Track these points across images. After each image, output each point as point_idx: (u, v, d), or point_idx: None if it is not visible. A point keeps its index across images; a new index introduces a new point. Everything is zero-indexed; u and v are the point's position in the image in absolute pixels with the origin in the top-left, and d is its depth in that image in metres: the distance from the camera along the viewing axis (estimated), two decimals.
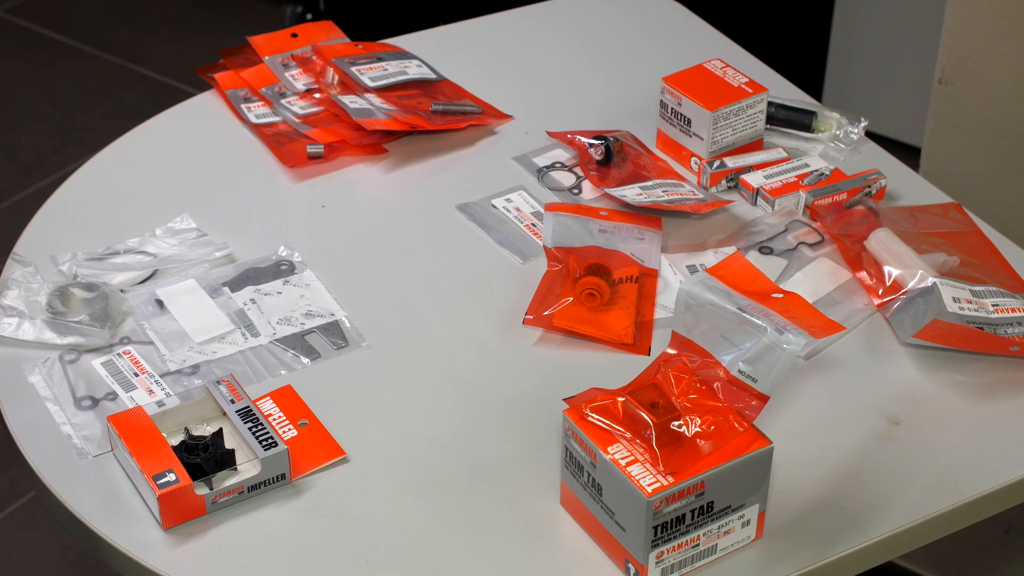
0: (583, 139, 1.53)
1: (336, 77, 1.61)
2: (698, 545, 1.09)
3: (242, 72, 1.64)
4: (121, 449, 1.16)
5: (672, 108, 1.52)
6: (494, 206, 1.48)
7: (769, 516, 1.14)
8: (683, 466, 1.06)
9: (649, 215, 1.45)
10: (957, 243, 1.41)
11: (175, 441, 1.17)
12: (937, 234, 1.42)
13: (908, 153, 1.77)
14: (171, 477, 1.12)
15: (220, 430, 1.19)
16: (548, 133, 1.57)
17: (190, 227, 1.43)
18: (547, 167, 1.54)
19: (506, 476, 1.18)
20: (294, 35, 1.69)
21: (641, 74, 1.68)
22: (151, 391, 1.25)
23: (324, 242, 1.43)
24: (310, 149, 1.53)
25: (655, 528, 1.06)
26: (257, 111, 1.60)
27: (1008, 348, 1.28)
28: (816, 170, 1.48)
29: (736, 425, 1.10)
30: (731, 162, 1.50)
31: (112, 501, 1.15)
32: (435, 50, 1.71)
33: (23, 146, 3.00)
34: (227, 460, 1.16)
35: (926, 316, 1.29)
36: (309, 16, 3.15)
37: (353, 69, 1.61)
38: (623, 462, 1.07)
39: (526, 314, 1.33)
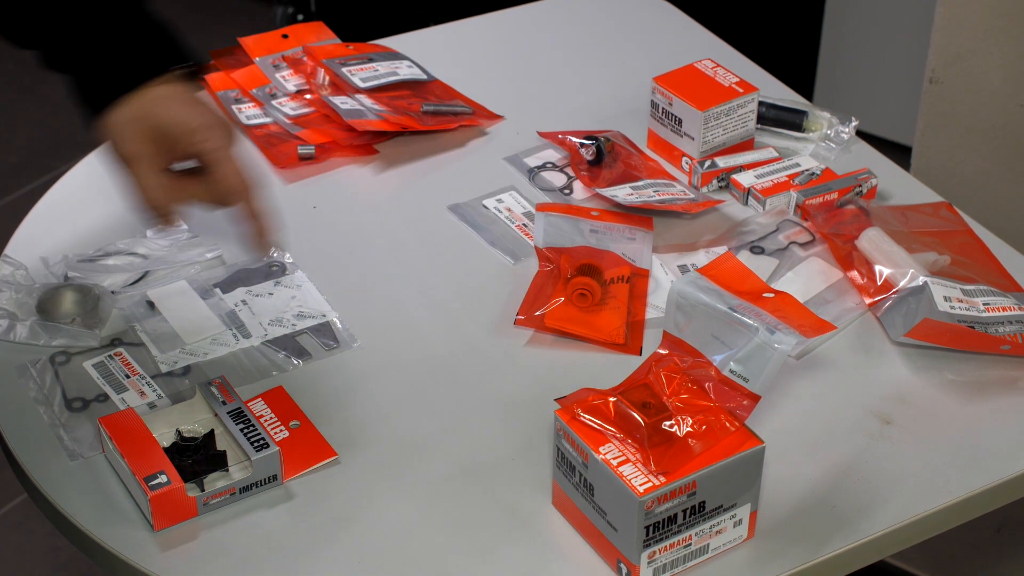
0: (574, 139, 1.53)
1: (327, 78, 1.61)
2: (690, 545, 1.10)
3: (233, 73, 1.64)
4: (112, 451, 1.16)
5: (663, 108, 1.53)
6: (485, 206, 1.48)
7: (761, 515, 1.14)
8: (675, 466, 1.06)
9: (640, 215, 1.45)
10: (948, 242, 1.41)
11: (166, 443, 1.17)
12: (928, 233, 1.42)
13: (899, 152, 1.78)
14: (163, 479, 1.12)
15: (211, 431, 1.19)
16: (539, 133, 1.57)
17: (181, 228, 1.43)
18: (538, 167, 1.54)
19: (498, 476, 1.18)
20: (285, 36, 1.69)
21: (632, 74, 1.68)
22: (142, 392, 1.25)
23: (315, 243, 1.43)
24: (301, 150, 1.53)
25: (647, 528, 1.06)
26: (248, 112, 1.59)
27: (999, 347, 1.28)
28: (807, 169, 1.48)
29: (727, 425, 1.10)
30: (722, 162, 1.50)
31: (103, 503, 1.15)
32: (426, 51, 1.71)
33: (14, 147, 2.99)
34: (219, 461, 1.16)
35: (917, 315, 1.29)
36: (300, 17, 3.15)
37: (344, 70, 1.61)
38: (615, 462, 1.07)
39: (517, 314, 1.33)
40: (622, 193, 1.45)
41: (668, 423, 1.09)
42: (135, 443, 1.15)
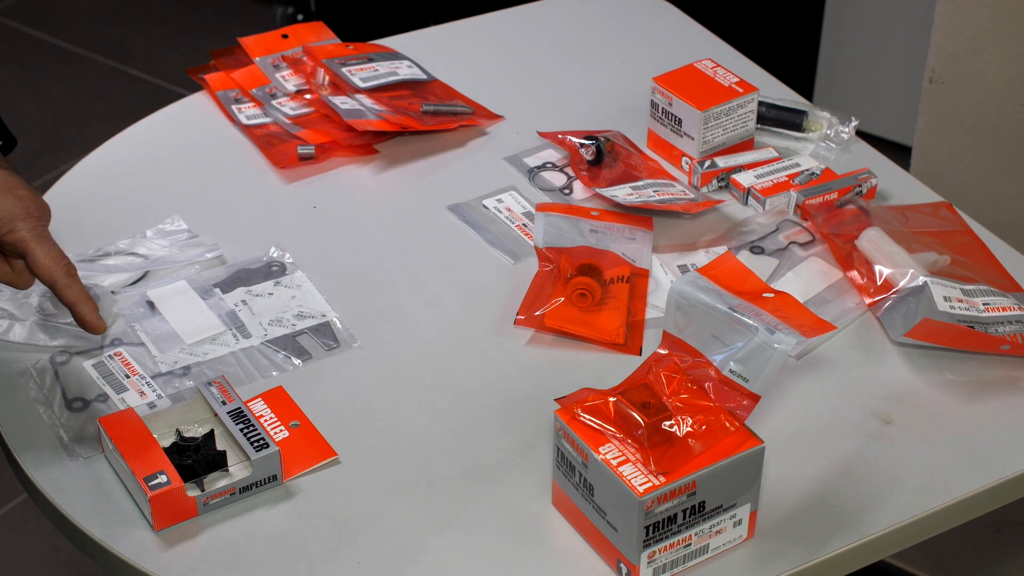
0: (574, 139, 1.53)
1: (327, 78, 1.61)
2: (690, 545, 1.10)
3: (233, 73, 1.64)
4: (112, 451, 1.16)
5: (663, 108, 1.53)
6: (485, 206, 1.48)
7: (761, 515, 1.14)
8: (674, 466, 1.06)
9: (640, 215, 1.45)
10: (948, 242, 1.41)
11: (166, 443, 1.17)
12: (928, 233, 1.42)
13: (899, 152, 1.78)
14: (163, 479, 1.12)
15: (211, 431, 1.19)
16: (539, 133, 1.57)
17: (181, 228, 1.43)
18: (538, 167, 1.54)
19: (498, 476, 1.18)
20: (285, 36, 1.69)
21: (632, 74, 1.68)
22: (142, 393, 1.25)
23: (315, 243, 1.43)
24: (301, 150, 1.53)
25: (647, 528, 1.06)
26: (248, 112, 1.59)
27: (999, 347, 1.28)
28: (807, 169, 1.48)
29: (727, 425, 1.10)
30: (722, 162, 1.50)
31: (103, 503, 1.15)
32: (426, 51, 1.71)
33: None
34: (218, 461, 1.16)
35: (917, 315, 1.29)
36: (300, 17, 3.15)
37: (344, 70, 1.61)
38: (615, 462, 1.07)
39: (517, 314, 1.33)
40: (622, 193, 1.45)
41: (668, 423, 1.09)
42: (135, 443, 1.15)
